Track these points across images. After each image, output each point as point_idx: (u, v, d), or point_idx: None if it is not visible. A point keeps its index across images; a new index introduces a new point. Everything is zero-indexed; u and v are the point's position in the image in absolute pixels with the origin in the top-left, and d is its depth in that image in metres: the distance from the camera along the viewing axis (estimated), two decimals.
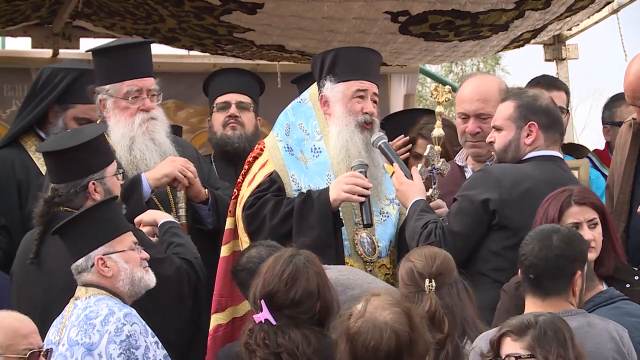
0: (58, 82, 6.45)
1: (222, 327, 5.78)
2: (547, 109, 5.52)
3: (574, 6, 7.68)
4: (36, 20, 8.24)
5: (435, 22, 7.56)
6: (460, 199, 5.41)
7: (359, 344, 4.11)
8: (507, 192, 5.29)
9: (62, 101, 6.46)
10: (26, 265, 5.45)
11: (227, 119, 6.94)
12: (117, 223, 5.12)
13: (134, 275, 5.04)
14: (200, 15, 7.50)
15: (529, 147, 5.48)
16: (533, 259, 4.44)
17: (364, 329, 4.11)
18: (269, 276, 4.59)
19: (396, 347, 4.09)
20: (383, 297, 4.21)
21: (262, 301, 4.55)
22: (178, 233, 5.68)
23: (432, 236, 5.34)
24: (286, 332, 4.50)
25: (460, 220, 5.35)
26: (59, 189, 5.44)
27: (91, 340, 4.80)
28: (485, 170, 5.54)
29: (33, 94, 6.53)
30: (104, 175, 5.46)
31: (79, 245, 5.03)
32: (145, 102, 6.04)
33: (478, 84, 6.07)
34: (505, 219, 5.27)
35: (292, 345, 4.47)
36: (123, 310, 4.87)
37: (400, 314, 4.15)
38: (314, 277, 4.60)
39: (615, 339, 4.41)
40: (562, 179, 5.38)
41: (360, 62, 5.85)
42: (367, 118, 5.79)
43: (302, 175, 5.79)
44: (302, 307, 4.55)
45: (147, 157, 5.98)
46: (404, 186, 5.65)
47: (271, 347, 4.49)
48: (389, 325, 4.10)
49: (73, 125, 6.41)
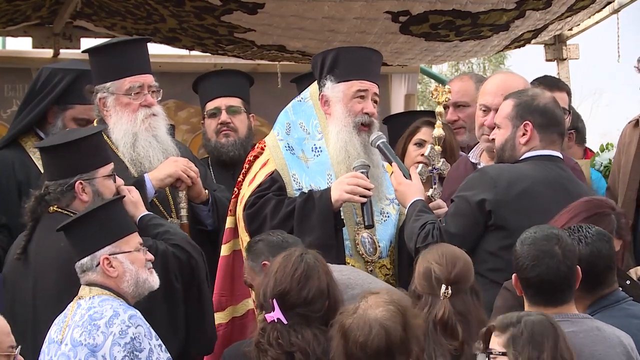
0: (57, 82, 6.45)
1: (222, 326, 5.78)
2: (544, 108, 5.48)
3: (575, 6, 7.68)
4: (37, 20, 8.24)
5: (436, 22, 7.55)
6: (457, 200, 5.40)
7: (350, 340, 4.11)
8: (502, 193, 5.28)
9: (61, 102, 6.45)
10: (14, 262, 5.46)
11: (219, 126, 6.94)
12: (124, 223, 5.12)
13: (139, 277, 5.03)
14: (200, 15, 7.50)
15: (524, 147, 5.46)
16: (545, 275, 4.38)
17: (355, 325, 4.12)
18: (280, 275, 4.59)
19: (386, 344, 4.08)
20: (379, 296, 4.21)
21: (274, 300, 4.55)
22: (159, 222, 5.64)
23: (430, 237, 5.34)
24: (299, 331, 4.51)
25: (457, 221, 5.34)
26: (50, 186, 5.44)
27: (95, 342, 4.80)
28: (482, 170, 5.53)
29: (32, 94, 6.52)
30: (94, 176, 5.44)
31: (85, 243, 5.02)
32: (147, 98, 6.05)
33: (504, 80, 6.07)
34: (502, 220, 5.26)
35: (305, 344, 4.48)
36: (128, 312, 4.87)
37: (394, 312, 4.14)
38: (324, 276, 4.63)
39: (623, 343, 4.39)
40: (561, 179, 5.38)
41: (361, 62, 5.85)
42: (364, 119, 5.78)
43: (303, 174, 5.79)
44: (314, 306, 4.56)
45: (151, 154, 5.98)
46: (403, 186, 5.65)
47: (284, 347, 4.50)
48: (379, 321, 4.10)
49: (72, 125, 6.41)
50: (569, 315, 4.40)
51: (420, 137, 6.58)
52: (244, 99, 7.04)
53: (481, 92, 6.09)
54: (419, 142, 6.58)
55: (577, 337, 4.32)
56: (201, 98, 7.14)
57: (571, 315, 4.41)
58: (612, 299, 4.70)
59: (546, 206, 5.14)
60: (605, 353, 4.33)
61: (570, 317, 4.39)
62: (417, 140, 6.59)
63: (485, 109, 5.99)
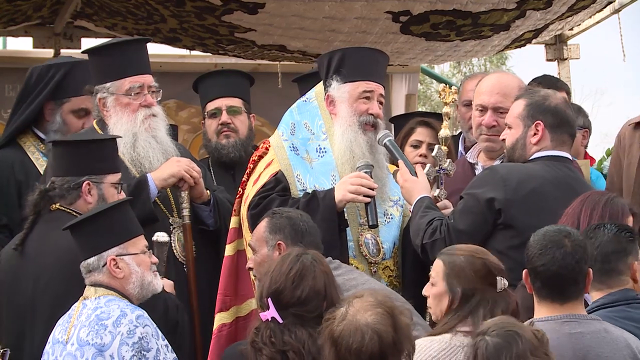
0: (50, 78, 6.42)
1: (226, 326, 5.77)
2: (556, 109, 5.50)
3: (575, 6, 7.69)
4: (37, 20, 8.25)
5: (437, 22, 7.56)
6: (466, 197, 5.40)
7: (342, 348, 4.07)
8: (512, 192, 5.28)
9: (56, 97, 6.43)
10: (11, 251, 5.44)
11: (219, 126, 6.91)
12: (132, 225, 5.11)
13: (144, 279, 5.03)
14: (201, 15, 7.50)
15: (535, 147, 5.47)
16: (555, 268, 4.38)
17: (346, 332, 4.06)
18: (275, 274, 4.58)
19: (380, 348, 4.05)
20: (365, 299, 4.17)
21: (269, 299, 4.55)
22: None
23: (437, 233, 5.34)
24: (292, 330, 4.50)
25: (466, 218, 5.34)
26: (56, 181, 5.43)
27: (103, 341, 4.79)
28: (492, 169, 5.53)
29: (25, 93, 6.49)
30: (102, 181, 5.44)
31: (92, 243, 5.01)
32: (147, 98, 6.05)
33: (499, 79, 6.08)
34: (511, 219, 5.26)
35: (299, 343, 4.46)
36: (135, 312, 4.86)
37: (383, 314, 4.10)
38: (321, 276, 4.60)
39: (631, 346, 4.38)
40: (570, 180, 5.39)
41: (368, 63, 5.84)
42: (369, 119, 5.79)
43: (307, 175, 5.78)
44: (308, 305, 4.54)
45: (151, 154, 5.98)
46: (409, 183, 5.65)
47: (277, 345, 4.48)
48: (370, 326, 4.06)
49: (71, 119, 6.42)
50: (577, 315, 4.39)
51: (416, 138, 6.59)
52: (245, 99, 7.02)
53: (476, 92, 6.09)
54: (415, 143, 6.59)
55: (584, 339, 4.33)
56: (202, 98, 7.13)
57: (579, 316, 4.40)
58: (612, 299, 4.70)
59: (555, 207, 5.14)
60: (612, 355, 4.32)
61: (578, 318, 4.38)
62: (413, 142, 6.60)
63: (482, 108, 5.99)
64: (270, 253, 5.19)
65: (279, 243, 5.18)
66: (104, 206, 5.14)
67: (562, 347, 4.30)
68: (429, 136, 6.61)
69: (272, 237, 5.23)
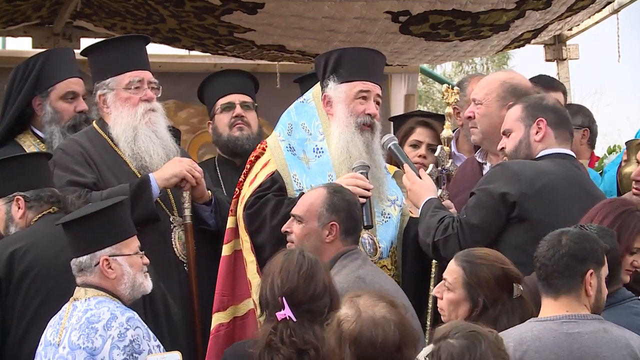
0: (30, 70, 6.45)
1: (223, 326, 5.77)
2: (555, 107, 5.55)
3: (575, 6, 7.69)
4: (37, 20, 8.25)
5: (436, 22, 7.56)
6: (479, 193, 5.38)
7: (364, 344, 4.10)
8: (527, 186, 5.27)
9: (40, 88, 6.45)
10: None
11: (233, 119, 6.85)
12: (126, 226, 5.10)
13: (136, 280, 5.02)
14: (200, 16, 7.50)
15: (540, 144, 5.47)
16: (542, 259, 4.42)
17: (366, 328, 4.10)
18: (286, 274, 4.59)
19: (400, 338, 4.10)
20: (367, 296, 4.22)
21: (283, 298, 4.56)
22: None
23: (450, 229, 5.34)
24: (309, 327, 4.53)
25: (479, 213, 5.33)
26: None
27: (94, 345, 4.79)
28: (503, 165, 5.50)
29: (10, 91, 6.51)
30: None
31: (86, 242, 5.00)
32: (147, 92, 6.08)
33: (487, 77, 6.15)
34: (525, 212, 5.25)
35: (317, 341, 4.48)
36: (125, 315, 4.86)
37: (390, 307, 4.16)
38: (326, 273, 4.67)
39: (631, 346, 4.37)
40: (577, 177, 5.41)
41: (365, 63, 5.85)
42: (366, 120, 5.79)
43: (303, 175, 5.79)
44: (319, 301, 4.57)
45: (151, 148, 6.00)
46: (416, 185, 5.66)
47: (298, 344, 4.50)
48: (387, 319, 4.11)
49: (61, 105, 6.42)
50: (577, 315, 4.39)
51: (415, 138, 6.60)
52: (254, 99, 7.04)
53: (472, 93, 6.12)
54: (414, 143, 6.59)
55: (581, 339, 4.33)
56: (211, 96, 7.01)
57: (579, 315, 4.39)
58: (618, 297, 4.72)
59: (566, 202, 5.20)
60: (610, 355, 4.32)
61: (577, 318, 4.38)
62: (412, 142, 6.60)
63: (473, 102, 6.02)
64: (320, 230, 5.19)
65: (332, 224, 5.19)
66: (99, 205, 5.13)
67: (559, 347, 4.32)
68: (429, 136, 6.61)
69: (327, 215, 5.22)
